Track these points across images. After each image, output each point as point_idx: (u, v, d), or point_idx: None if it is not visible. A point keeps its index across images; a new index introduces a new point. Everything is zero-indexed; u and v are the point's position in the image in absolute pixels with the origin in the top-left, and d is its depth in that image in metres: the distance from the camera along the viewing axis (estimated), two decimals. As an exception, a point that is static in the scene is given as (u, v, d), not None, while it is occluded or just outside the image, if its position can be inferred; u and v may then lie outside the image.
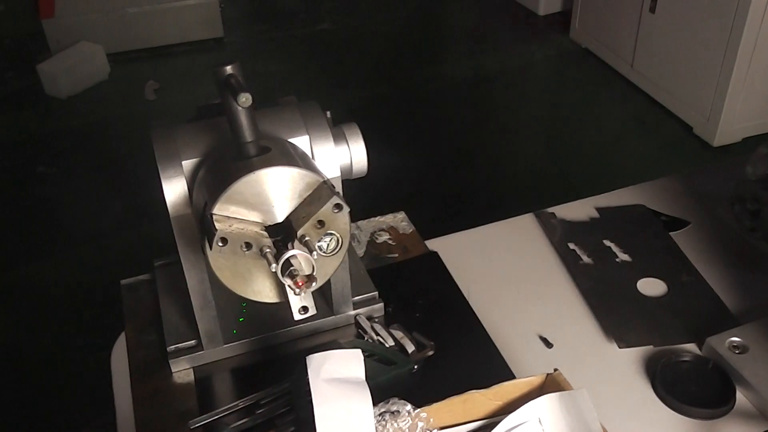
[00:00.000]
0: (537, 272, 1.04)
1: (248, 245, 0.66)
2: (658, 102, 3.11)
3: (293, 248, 0.65)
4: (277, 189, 0.68)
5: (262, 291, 0.72)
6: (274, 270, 0.64)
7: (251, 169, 0.67)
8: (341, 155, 0.83)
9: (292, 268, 0.65)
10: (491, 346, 0.91)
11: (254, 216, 0.68)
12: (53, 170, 2.83)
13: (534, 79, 3.57)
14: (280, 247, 0.66)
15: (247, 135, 0.69)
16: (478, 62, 3.60)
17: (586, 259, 1.05)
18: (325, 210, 0.67)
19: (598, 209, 1.15)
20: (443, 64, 3.68)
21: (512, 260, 1.06)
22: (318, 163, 0.80)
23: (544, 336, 0.93)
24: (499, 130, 3.11)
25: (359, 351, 0.73)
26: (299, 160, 0.73)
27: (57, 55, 3.32)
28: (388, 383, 0.83)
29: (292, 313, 0.70)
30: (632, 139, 3.03)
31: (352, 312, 0.95)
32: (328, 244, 0.71)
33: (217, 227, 0.64)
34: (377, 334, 0.91)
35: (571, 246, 1.07)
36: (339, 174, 0.82)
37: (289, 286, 0.65)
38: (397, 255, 1.07)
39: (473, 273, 1.03)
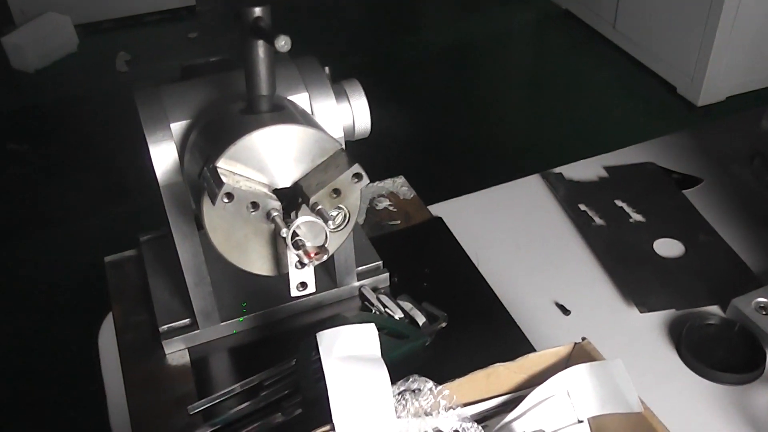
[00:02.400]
0: (547, 236, 0.99)
1: (255, 205, 0.59)
2: (641, 63, 3.07)
3: (307, 215, 0.59)
4: (289, 150, 0.61)
5: (258, 262, 0.65)
6: (284, 235, 0.58)
7: (264, 124, 0.60)
8: (343, 114, 0.77)
9: (298, 238, 0.58)
10: (506, 315, 0.86)
11: (261, 177, 0.61)
12: (25, 147, 2.72)
13: (516, 43, 3.51)
14: (289, 212, 0.60)
15: (264, 88, 0.62)
16: (459, 28, 3.52)
17: (598, 220, 1.00)
18: (344, 178, 0.61)
19: (607, 168, 1.10)
20: (424, 30, 3.59)
21: (520, 224, 1.01)
22: (318, 120, 0.74)
23: (561, 303, 0.88)
24: (483, 96, 3.04)
25: (373, 325, 0.67)
26: (313, 119, 0.67)
27: (22, 27, 3.18)
28: (402, 359, 0.77)
29: (289, 288, 0.63)
30: (616, 101, 2.98)
31: (357, 283, 0.89)
32: (334, 220, 0.64)
33: (224, 180, 0.57)
34: (384, 306, 0.86)
35: (582, 207, 1.02)
36: (342, 135, 0.76)
37: (297, 256, 0.58)
38: (399, 222, 1.01)
39: (480, 238, 0.98)
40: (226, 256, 0.63)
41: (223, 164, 0.59)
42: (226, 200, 0.57)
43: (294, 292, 0.64)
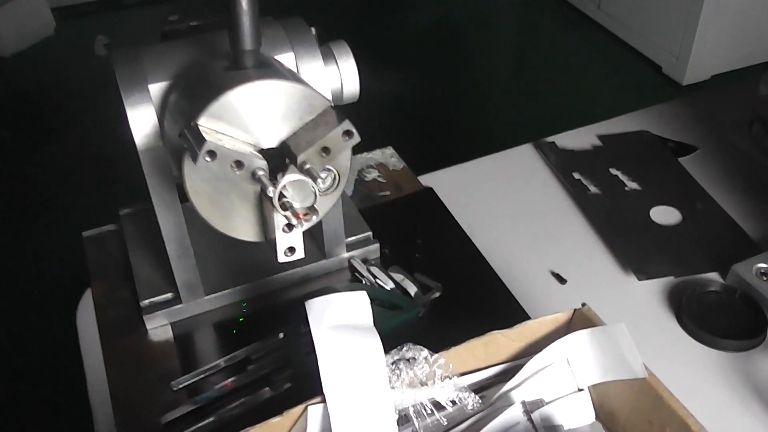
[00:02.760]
0: (542, 205, 0.96)
1: (239, 164, 0.56)
2: (626, 43, 3.04)
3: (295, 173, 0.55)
4: (275, 107, 0.58)
5: (243, 227, 0.62)
6: (270, 195, 0.54)
7: (249, 79, 0.57)
8: (331, 76, 0.73)
9: (285, 199, 0.55)
10: (501, 285, 0.83)
11: (245, 136, 0.58)
12: (3, 133, 2.66)
13: (499, 24, 3.47)
14: (276, 173, 0.57)
15: (248, 42, 0.58)
16: (443, 9, 3.48)
17: (593, 189, 0.97)
18: (334, 136, 0.57)
19: (600, 137, 1.07)
20: (408, 11, 3.55)
21: (514, 194, 0.98)
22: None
23: (557, 272, 0.86)
24: (470, 74, 3.01)
25: (364, 293, 0.64)
26: (304, 79, 0.63)
27: (-3, 10, 3.11)
28: (394, 330, 0.74)
29: (276, 254, 0.60)
30: (601, 81, 2.96)
31: (346, 254, 0.86)
32: (323, 181, 0.61)
33: (206, 137, 0.54)
34: (375, 278, 0.83)
35: (576, 176, 0.99)
36: (330, 98, 0.72)
37: (285, 217, 0.55)
38: (389, 193, 0.98)
39: (473, 209, 0.95)
40: (210, 221, 0.60)
41: (204, 122, 0.56)
42: (208, 159, 0.54)
43: (281, 258, 0.61)
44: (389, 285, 0.81)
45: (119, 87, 0.66)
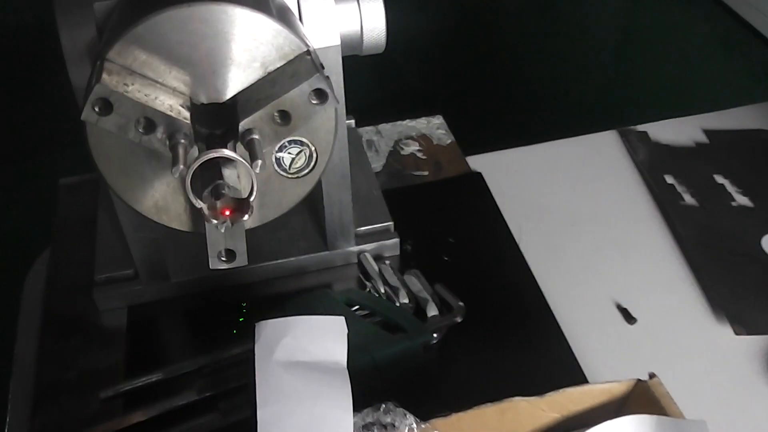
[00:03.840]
0: (617, 212, 0.75)
1: (149, 125, 0.38)
2: (746, 22, 2.69)
3: (230, 149, 0.37)
4: (224, 44, 0.40)
5: (166, 209, 0.45)
6: (176, 175, 0.36)
7: (191, 1, 0.39)
8: (346, 14, 0.54)
9: (219, 182, 0.37)
10: (547, 314, 0.64)
11: (176, 83, 0.40)
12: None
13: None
14: (206, 143, 0.39)
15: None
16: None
17: (689, 199, 0.75)
18: (296, 96, 0.39)
19: (707, 132, 0.84)
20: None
21: (583, 192, 0.77)
22: (307, 23, 0.52)
23: (624, 306, 0.65)
24: (561, 43, 2.71)
25: (342, 320, 0.46)
26: (273, 9, 0.44)
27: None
28: (391, 361, 0.56)
29: (208, 257, 0.43)
30: (712, 65, 2.62)
31: (355, 248, 0.68)
32: (294, 159, 0.43)
33: (102, 78, 0.36)
34: (386, 283, 0.64)
35: (669, 180, 0.77)
36: (338, 42, 0.53)
37: (203, 211, 0.37)
38: (426, 173, 0.79)
39: (528, 206, 0.75)
40: (123, 197, 0.43)
41: (116, 54, 0.38)
42: (97, 110, 0.36)
43: (213, 264, 0.43)
44: (402, 297, 0.63)
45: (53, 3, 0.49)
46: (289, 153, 0.43)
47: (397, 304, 0.62)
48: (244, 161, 0.37)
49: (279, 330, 0.45)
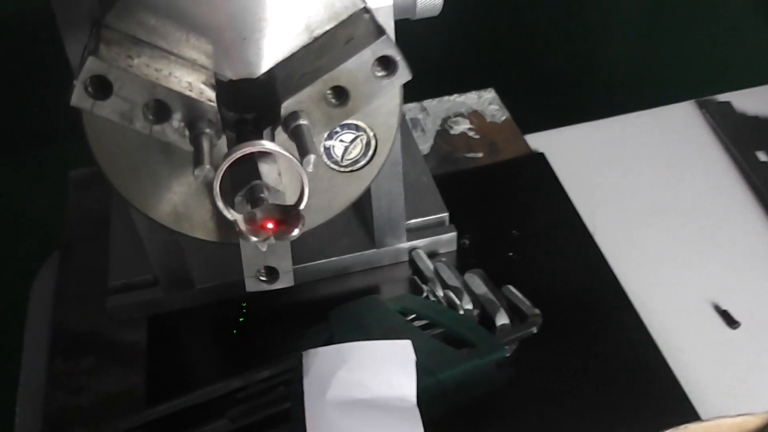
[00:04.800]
0: (705, 196, 0.65)
1: (161, 111, 0.29)
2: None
3: (267, 139, 0.28)
4: (256, 1, 0.30)
5: (188, 214, 0.36)
6: (200, 179, 0.27)
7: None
8: (397, -32, 0.45)
9: (256, 183, 0.28)
10: (635, 322, 0.54)
11: (196, 52, 0.31)
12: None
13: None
14: (235, 131, 0.29)
15: None
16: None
17: (788, 179, 0.65)
18: (355, 67, 0.29)
19: (801, 101, 0.74)
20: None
21: (663, 174, 0.67)
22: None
23: (724, 308, 0.56)
24: (625, 12, 2.51)
25: (408, 345, 0.37)
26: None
27: None
28: (458, 382, 0.47)
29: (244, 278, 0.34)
30: (753, 32, 2.45)
31: (406, 244, 0.59)
32: (347, 149, 0.34)
33: (98, 50, 0.27)
34: (445, 287, 0.55)
35: (762, 157, 0.67)
36: (390, 2, 0.44)
37: (237, 225, 0.28)
38: (481, 155, 0.69)
39: (600, 191, 0.66)
40: (131, 201, 0.34)
41: (116, 20, 0.29)
42: (91, 92, 0.27)
43: (251, 285, 0.34)
44: (465, 303, 0.54)
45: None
46: (341, 141, 0.34)
47: (461, 312, 0.53)
48: (292, 157, 0.28)
49: (331, 361, 0.37)
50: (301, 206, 0.29)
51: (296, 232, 0.29)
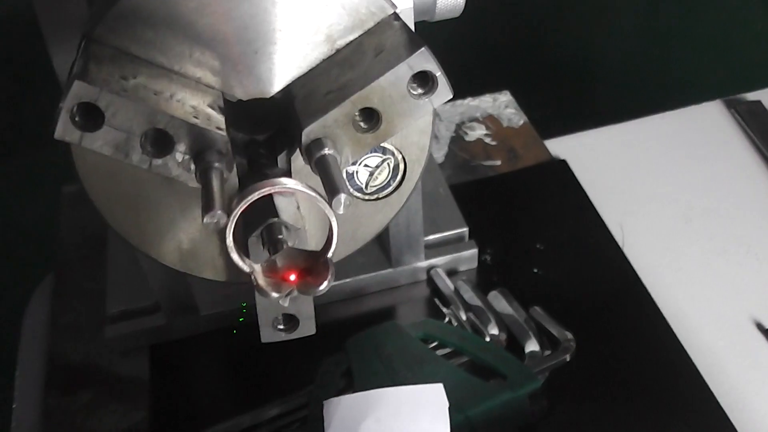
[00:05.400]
0: (741, 203, 0.62)
1: (162, 142, 0.25)
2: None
3: (283, 165, 0.24)
4: (269, 7, 0.27)
5: (195, 253, 0.32)
6: (211, 226, 0.24)
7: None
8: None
9: (273, 222, 0.24)
10: (670, 339, 0.51)
11: (200, 69, 0.27)
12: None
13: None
14: (245, 156, 0.26)
15: None
16: None
17: (826, 183, 0.61)
18: (389, 84, 0.25)
19: (832, 99, 0.70)
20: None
21: (694, 179, 0.64)
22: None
23: (766, 326, 0.52)
24: (645, 11, 2.41)
25: (440, 389, 0.33)
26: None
27: None
28: (489, 418, 0.43)
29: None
30: (756, 22, 2.40)
31: (423, 263, 0.55)
32: (373, 174, 0.30)
33: (87, 70, 0.23)
34: (467, 308, 0.52)
35: (798, 160, 0.64)
36: (411, 4, 0.40)
37: (254, 279, 0.24)
38: (499, 162, 0.66)
39: (627, 199, 0.62)
40: (133, 243, 0.30)
41: (108, 34, 0.25)
42: (79, 121, 0.23)
43: (267, 335, 0.30)
44: (491, 328, 0.50)
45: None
46: (366, 166, 0.30)
47: (487, 339, 0.49)
48: (321, 198, 0.24)
49: (357, 410, 0.33)
50: (329, 253, 0.25)
51: (324, 285, 0.25)
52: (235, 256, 0.24)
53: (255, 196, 0.23)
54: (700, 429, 0.46)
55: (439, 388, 0.34)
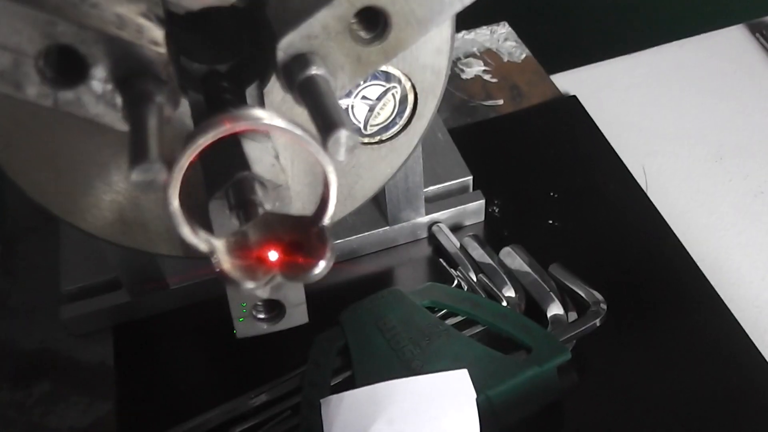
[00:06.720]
0: (773, 137, 0.55)
1: (71, 66, 0.18)
2: None
3: (256, 103, 0.17)
4: None
5: (142, 220, 0.24)
6: (142, 180, 0.16)
7: None
8: None
9: (243, 176, 0.17)
10: (709, 294, 0.44)
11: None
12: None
13: None
14: (203, 93, 0.18)
15: None
16: None
17: None
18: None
19: None
20: None
21: (720, 113, 0.57)
22: None
23: (819, 274, 0.46)
24: None
25: (464, 375, 0.27)
26: None
27: None
28: (513, 398, 0.37)
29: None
30: None
31: (424, 218, 0.48)
32: (374, 109, 0.23)
33: None
34: (478, 270, 0.45)
35: (835, 86, 0.57)
36: None
37: (219, 258, 0.17)
38: (501, 102, 0.58)
39: (649, 138, 0.55)
40: (53, 210, 0.23)
41: None
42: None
43: (242, 329, 0.23)
44: (507, 289, 0.43)
45: None
46: (365, 98, 0.22)
47: (504, 304, 0.42)
48: (311, 139, 0.16)
49: (363, 410, 0.26)
50: (326, 218, 0.18)
51: (321, 266, 0.18)
52: (184, 230, 0.17)
53: (210, 137, 0.16)
54: (754, 397, 0.40)
55: (463, 374, 0.28)
